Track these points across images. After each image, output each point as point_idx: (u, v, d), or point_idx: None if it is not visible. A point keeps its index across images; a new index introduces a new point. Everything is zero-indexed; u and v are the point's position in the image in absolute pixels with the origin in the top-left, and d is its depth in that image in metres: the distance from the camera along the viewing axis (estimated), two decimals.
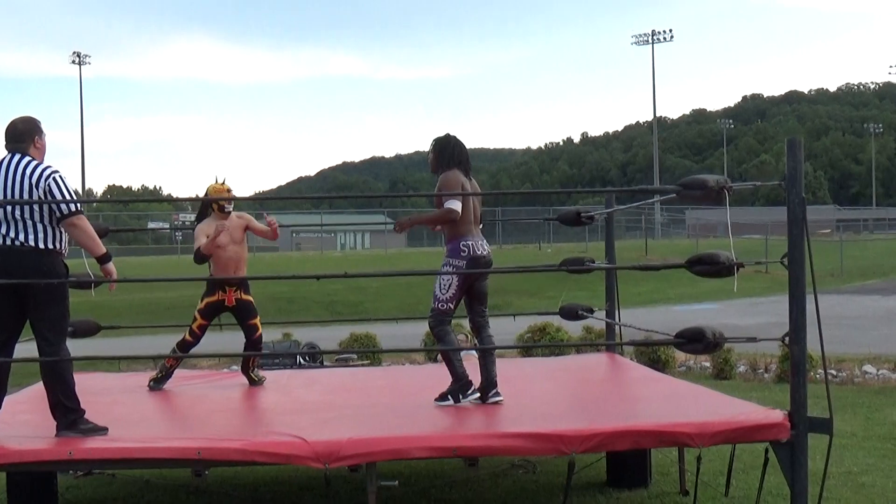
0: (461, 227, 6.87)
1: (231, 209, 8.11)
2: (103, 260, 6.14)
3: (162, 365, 8.17)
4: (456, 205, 6.80)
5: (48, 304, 5.91)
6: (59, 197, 5.87)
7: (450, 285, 6.80)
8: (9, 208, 5.86)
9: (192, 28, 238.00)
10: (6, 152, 6.07)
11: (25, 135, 6.10)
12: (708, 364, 14.41)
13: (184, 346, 8.16)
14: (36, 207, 5.87)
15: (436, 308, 6.82)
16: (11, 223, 5.87)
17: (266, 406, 7.36)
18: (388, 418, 6.35)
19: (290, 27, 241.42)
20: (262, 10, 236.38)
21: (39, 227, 5.88)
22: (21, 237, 5.86)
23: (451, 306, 6.83)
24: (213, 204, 8.02)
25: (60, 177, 5.95)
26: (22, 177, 5.90)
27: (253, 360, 8.40)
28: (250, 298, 8.28)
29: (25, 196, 5.85)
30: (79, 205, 6.00)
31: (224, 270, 8.05)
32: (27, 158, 5.99)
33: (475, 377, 6.79)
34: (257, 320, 8.33)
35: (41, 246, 5.88)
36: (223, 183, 8.22)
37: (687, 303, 26.33)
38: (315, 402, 7.18)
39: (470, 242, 6.85)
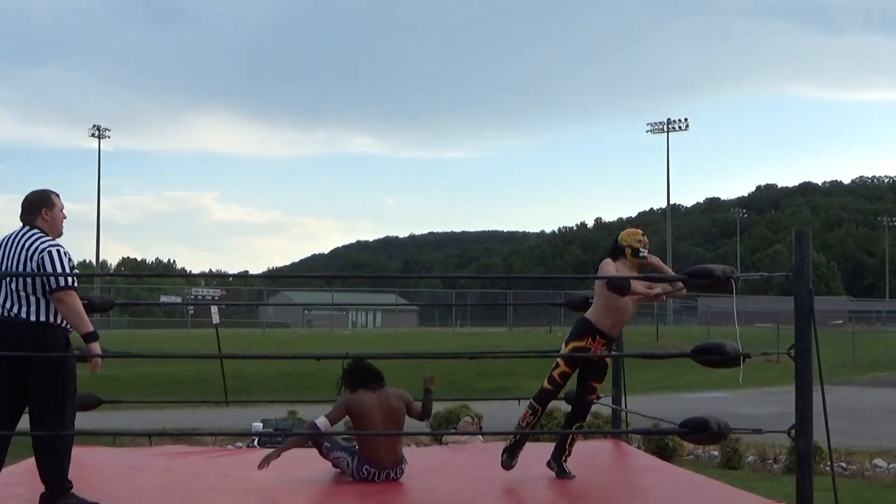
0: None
1: (645, 253, 7.41)
2: (88, 338, 5.98)
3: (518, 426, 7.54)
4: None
5: (46, 377, 5.85)
6: (50, 270, 5.84)
7: None
8: (8, 281, 5.86)
9: (211, 104, 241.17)
10: (21, 224, 6.11)
11: (34, 207, 6.14)
12: (716, 453, 14.25)
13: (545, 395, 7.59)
14: (30, 280, 5.85)
15: None
16: (9, 296, 5.88)
17: (263, 486, 7.26)
18: (391, 499, 6.26)
19: (307, 106, 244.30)
20: (281, 88, 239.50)
21: (33, 299, 5.86)
22: (15, 309, 5.85)
23: None
24: (627, 248, 7.37)
25: (57, 250, 5.93)
26: (21, 249, 5.92)
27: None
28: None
29: (22, 268, 5.85)
30: (70, 280, 5.90)
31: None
32: (32, 231, 6.01)
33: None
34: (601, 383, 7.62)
35: (33, 319, 5.85)
36: (637, 227, 7.63)
37: (697, 391, 26.13)
38: (317, 483, 7.08)
39: None
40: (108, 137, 72.49)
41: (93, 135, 70.52)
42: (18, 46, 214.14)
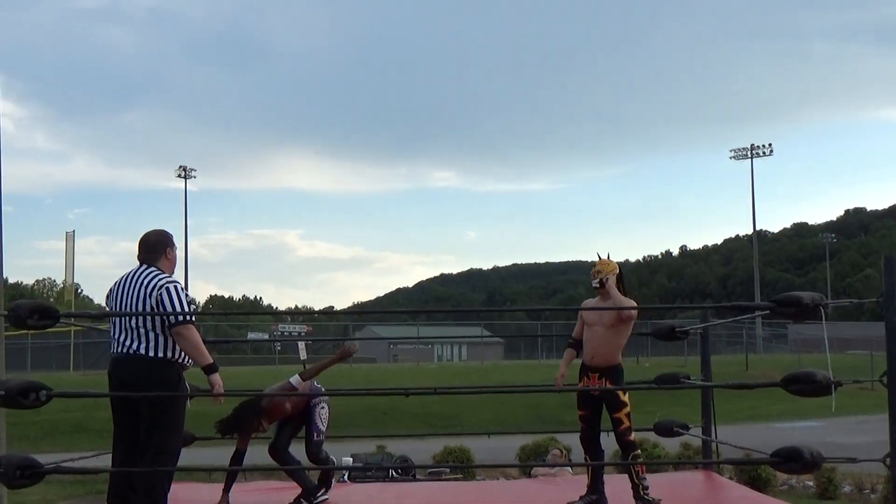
0: None
1: (596, 283, 7.69)
2: (208, 370, 6.17)
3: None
4: None
5: (158, 412, 5.99)
6: (168, 306, 6.01)
7: None
8: (128, 319, 6.01)
9: (293, 142, 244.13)
10: (139, 263, 6.28)
11: (158, 246, 6.33)
12: (811, 483, 13.99)
13: None
14: (149, 317, 6.00)
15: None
16: (128, 332, 6.02)
17: None
18: None
19: (388, 141, 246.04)
20: (361, 124, 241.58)
21: (151, 335, 6.01)
22: (135, 346, 5.99)
23: None
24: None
25: (174, 286, 6.10)
26: (140, 287, 6.08)
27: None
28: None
29: (141, 306, 6.01)
30: (189, 315, 6.10)
31: None
32: (150, 269, 6.18)
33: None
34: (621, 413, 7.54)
35: (151, 354, 5.99)
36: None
37: (788, 420, 25.68)
38: None
39: None
40: (194, 177, 73.73)
41: (179, 175, 71.78)
42: (104, 91, 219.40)
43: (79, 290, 66.55)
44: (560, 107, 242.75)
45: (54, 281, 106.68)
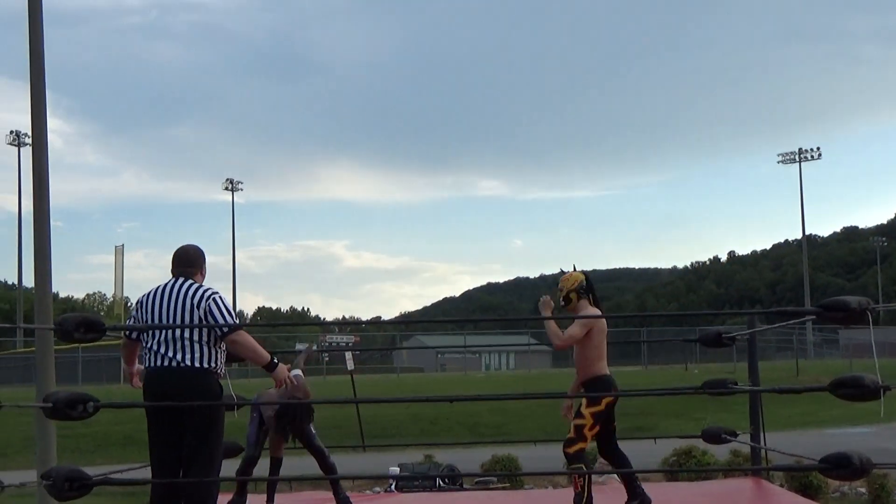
0: None
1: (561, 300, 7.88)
2: (270, 367, 6.27)
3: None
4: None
5: (203, 425, 6.00)
6: (218, 316, 6.05)
7: None
8: (170, 330, 6.05)
9: (338, 153, 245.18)
10: (171, 276, 6.33)
11: (196, 260, 6.39)
12: (864, 490, 13.82)
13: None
14: (196, 329, 6.05)
15: None
16: (171, 344, 6.04)
17: None
18: None
19: (432, 151, 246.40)
20: (406, 135, 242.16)
21: (197, 346, 6.03)
22: (179, 357, 6.02)
23: None
24: None
25: (220, 297, 6.15)
26: (184, 299, 6.10)
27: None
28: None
29: (187, 317, 6.05)
30: (238, 321, 6.17)
31: None
32: (189, 281, 6.22)
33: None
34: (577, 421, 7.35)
35: (197, 365, 6.02)
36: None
37: (840, 426, 25.36)
38: None
39: None
40: (241, 190, 74.33)
41: (226, 188, 72.34)
42: (151, 106, 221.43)
43: (128, 304, 67.03)
44: (605, 113, 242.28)
45: (104, 295, 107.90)
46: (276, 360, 6.27)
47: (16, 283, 71.82)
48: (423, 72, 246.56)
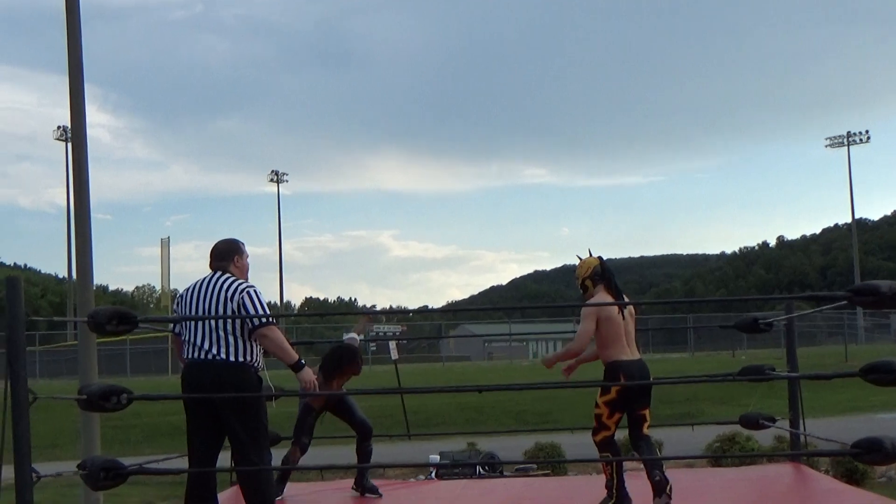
0: None
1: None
2: (297, 367, 6.30)
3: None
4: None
5: (243, 417, 6.08)
6: (251, 310, 6.10)
7: None
8: (206, 323, 6.13)
9: (384, 143, 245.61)
10: (210, 270, 6.42)
11: (226, 253, 6.45)
12: None
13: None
14: (230, 321, 6.12)
15: None
16: (207, 337, 6.11)
17: None
18: None
19: (478, 140, 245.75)
20: (452, 123, 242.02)
21: (231, 339, 6.10)
22: (214, 350, 6.08)
23: None
24: None
25: (254, 291, 6.20)
26: (218, 292, 6.18)
27: None
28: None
29: (220, 311, 6.12)
30: (270, 317, 6.21)
31: None
32: (226, 275, 6.29)
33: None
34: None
35: (233, 359, 6.08)
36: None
37: (891, 410, 25.08)
38: None
39: None
40: (286, 181, 74.65)
41: (271, 180, 72.68)
42: (198, 100, 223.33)
43: (176, 296, 67.72)
44: (651, 99, 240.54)
45: (153, 287, 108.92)
46: (302, 361, 6.30)
47: (66, 276, 72.73)
48: (467, 60, 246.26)
